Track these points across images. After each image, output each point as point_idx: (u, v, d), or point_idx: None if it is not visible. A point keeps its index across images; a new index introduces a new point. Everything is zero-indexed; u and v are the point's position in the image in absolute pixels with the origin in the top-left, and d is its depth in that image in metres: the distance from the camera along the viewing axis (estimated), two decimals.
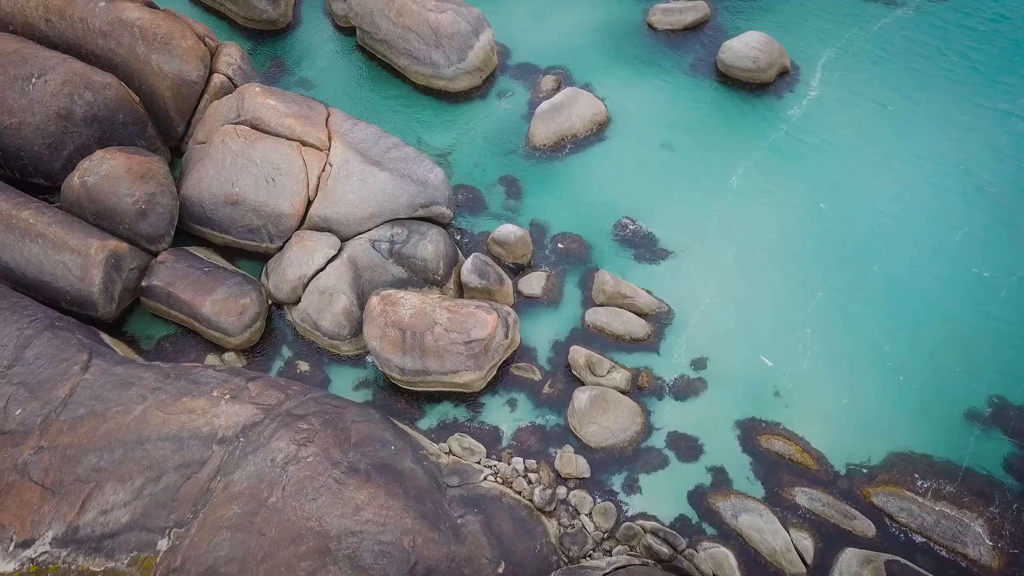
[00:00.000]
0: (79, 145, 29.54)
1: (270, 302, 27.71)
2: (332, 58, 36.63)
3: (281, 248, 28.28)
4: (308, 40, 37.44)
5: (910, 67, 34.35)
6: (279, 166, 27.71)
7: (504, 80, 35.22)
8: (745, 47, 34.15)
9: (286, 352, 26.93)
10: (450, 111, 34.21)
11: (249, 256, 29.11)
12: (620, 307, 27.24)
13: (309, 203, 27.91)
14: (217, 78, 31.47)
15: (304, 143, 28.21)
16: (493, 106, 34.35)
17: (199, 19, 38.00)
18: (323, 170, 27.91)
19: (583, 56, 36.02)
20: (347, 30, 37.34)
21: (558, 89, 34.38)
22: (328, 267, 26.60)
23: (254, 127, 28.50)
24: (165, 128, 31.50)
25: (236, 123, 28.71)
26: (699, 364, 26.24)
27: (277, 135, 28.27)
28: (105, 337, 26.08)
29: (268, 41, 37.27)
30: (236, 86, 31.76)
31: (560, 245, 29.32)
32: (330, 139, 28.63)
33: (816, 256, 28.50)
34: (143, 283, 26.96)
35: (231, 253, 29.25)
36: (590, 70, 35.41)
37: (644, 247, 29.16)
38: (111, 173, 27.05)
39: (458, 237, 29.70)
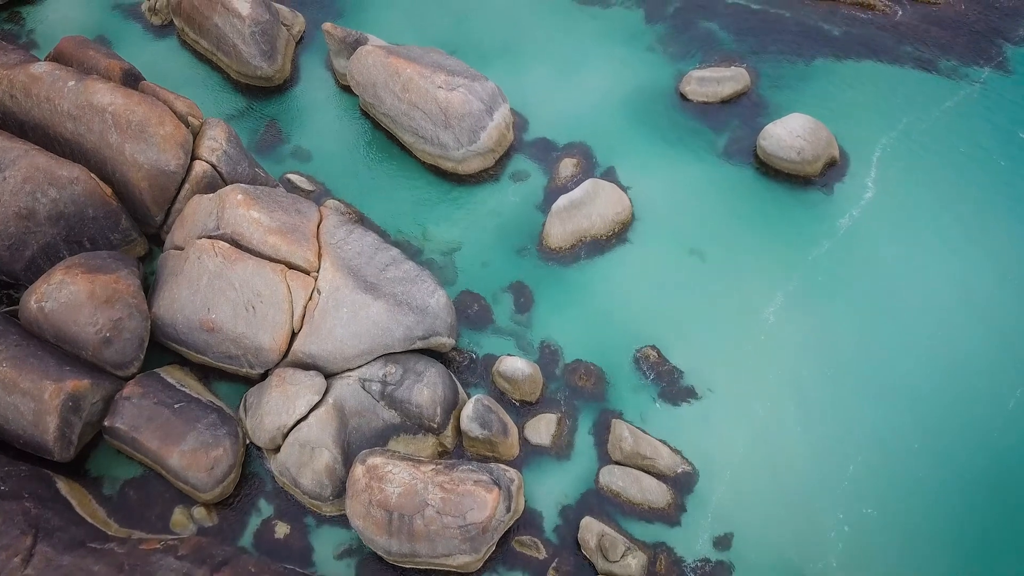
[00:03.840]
0: (43, 244, 26.65)
1: (248, 442, 24.91)
2: (332, 124, 33.15)
3: (263, 376, 25.44)
4: (307, 100, 33.88)
5: (979, 166, 30.19)
6: (260, 293, 24.63)
7: (519, 159, 31.67)
8: (789, 135, 30.39)
9: (264, 508, 24.16)
10: (458, 196, 30.85)
11: (229, 377, 26.28)
12: (639, 468, 24.25)
13: (293, 334, 24.89)
14: (199, 166, 28.20)
15: (290, 265, 25.06)
16: (505, 192, 30.92)
17: (190, 68, 34.65)
18: (310, 298, 24.81)
19: (606, 131, 32.23)
20: (351, 89, 33.78)
21: (577, 174, 30.92)
22: (311, 416, 23.67)
23: (234, 243, 25.34)
24: (142, 217, 28.47)
25: (214, 237, 25.55)
26: (723, 543, 23.30)
27: (260, 255, 25.11)
28: (62, 486, 23.48)
29: (263, 100, 33.83)
30: (220, 175, 28.50)
31: (574, 380, 26.23)
32: (320, 257, 25.48)
33: (857, 412, 25.15)
34: (106, 423, 24.17)
35: (209, 373, 26.42)
36: (614, 149, 31.69)
37: (668, 385, 26.00)
38: (71, 300, 24.11)
39: (459, 362, 26.68)
